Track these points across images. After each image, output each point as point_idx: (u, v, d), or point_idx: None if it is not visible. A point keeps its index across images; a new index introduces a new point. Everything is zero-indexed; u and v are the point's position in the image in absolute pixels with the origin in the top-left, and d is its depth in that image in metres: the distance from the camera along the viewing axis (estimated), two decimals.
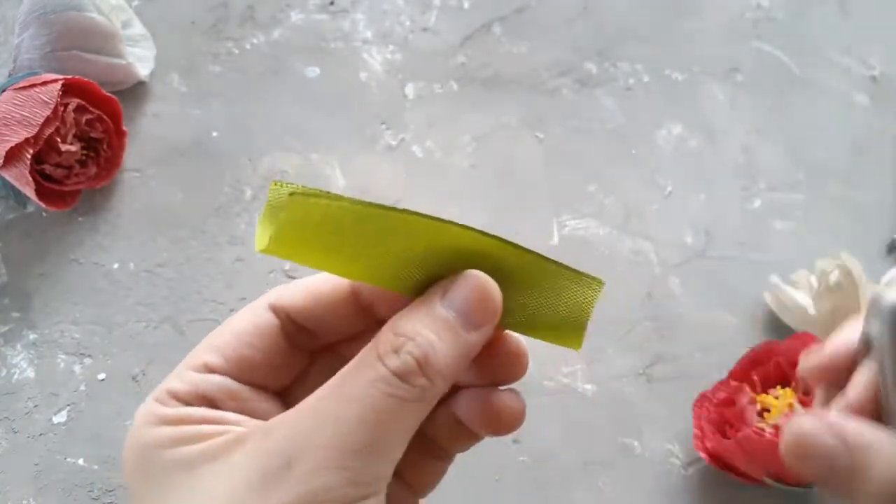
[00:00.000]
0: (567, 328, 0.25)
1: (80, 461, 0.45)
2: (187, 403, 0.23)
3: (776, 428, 0.43)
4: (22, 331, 0.49)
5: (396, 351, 0.21)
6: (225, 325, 0.25)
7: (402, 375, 0.21)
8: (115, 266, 0.51)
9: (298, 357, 0.26)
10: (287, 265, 0.51)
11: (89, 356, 0.48)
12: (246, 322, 0.24)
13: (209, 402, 0.23)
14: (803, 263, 0.51)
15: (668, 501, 0.46)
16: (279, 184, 0.21)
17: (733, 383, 0.47)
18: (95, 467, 0.45)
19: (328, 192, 0.21)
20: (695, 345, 0.51)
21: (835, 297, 0.47)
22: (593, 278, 0.25)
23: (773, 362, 0.47)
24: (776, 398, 0.45)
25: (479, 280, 0.23)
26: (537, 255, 0.24)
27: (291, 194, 0.21)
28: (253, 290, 0.51)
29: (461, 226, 0.22)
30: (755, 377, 0.47)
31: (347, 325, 0.25)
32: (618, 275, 0.52)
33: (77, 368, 0.48)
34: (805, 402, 0.44)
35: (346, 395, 0.21)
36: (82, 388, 0.47)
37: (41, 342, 0.49)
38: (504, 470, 0.46)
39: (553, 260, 0.24)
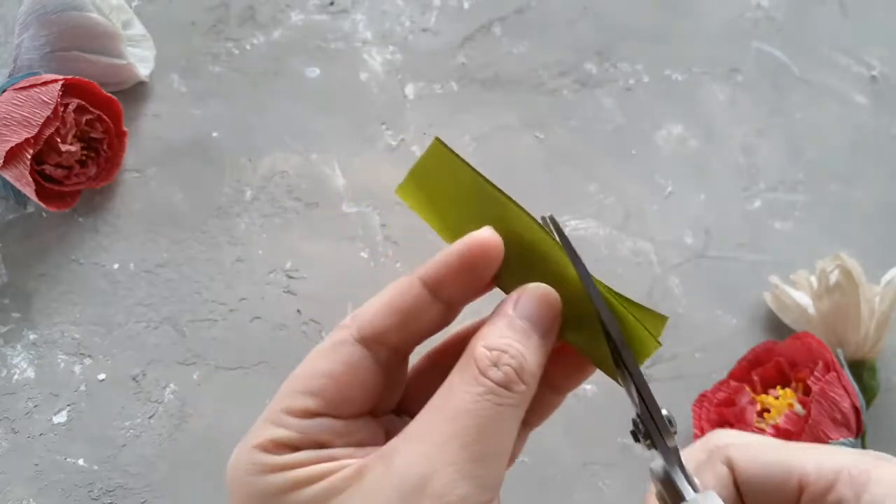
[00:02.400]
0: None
1: (80, 461, 0.45)
2: (296, 450, 0.24)
3: (776, 428, 0.43)
4: (22, 331, 0.49)
5: (496, 364, 0.24)
6: (312, 364, 0.26)
7: (506, 385, 0.23)
8: (116, 266, 0.51)
9: (396, 382, 0.27)
10: (287, 265, 0.51)
11: (89, 356, 0.48)
12: (338, 363, 0.25)
13: (319, 444, 0.25)
14: (803, 263, 0.51)
15: None
16: (440, 140, 0.26)
17: (733, 383, 0.47)
18: (95, 467, 0.45)
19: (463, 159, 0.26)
20: (695, 345, 0.51)
21: (834, 297, 0.47)
22: (658, 315, 0.26)
23: (773, 362, 0.47)
24: (776, 398, 0.45)
25: (542, 290, 0.25)
26: (606, 288, 0.26)
27: (436, 141, 0.25)
28: (253, 290, 0.51)
29: (549, 234, 0.25)
30: (755, 377, 0.47)
31: (434, 327, 0.27)
32: (618, 275, 0.52)
33: (77, 369, 0.48)
34: (805, 402, 0.44)
35: (458, 411, 0.23)
36: (82, 388, 0.47)
37: (41, 342, 0.49)
38: None
39: (618, 295, 0.26)
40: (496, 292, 0.27)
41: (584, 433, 0.48)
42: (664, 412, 0.26)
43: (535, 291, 0.25)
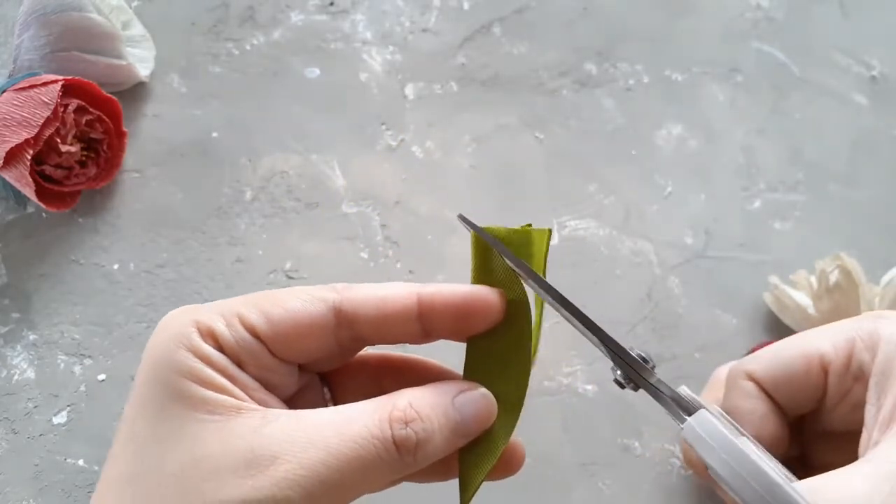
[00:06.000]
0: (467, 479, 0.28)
1: (80, 462, 0.45)
2: (221, 350, 0.25)
3: None
4: (22, 331, 0.49)
5: (406, 423, 0.24)
6: (290, 297, 0.26)
7: (399, 445, 0.24)
8: (115, 267, 0.51)
9: (341, 357, 0.28)
10: (287, 265, 0.51)
11: (89, 357, 0.48)
12: (305, 314, 0.26)
13: (239, 362, 0.25)
14: (803, 263, 0.51)
15: (667, 502, 0.46)
16: (550, 232, 0.27)
17: None
18: (96, 468, 0.45)
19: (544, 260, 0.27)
20: (695, 345, 0.51)
21: (834, 297, 0.47)
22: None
23: None
24: None
25: (488, 406, 0.26)
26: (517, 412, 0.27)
27: (549, 231, 0.27)
28: (253, 290, 0.50)
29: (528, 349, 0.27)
30: None
31: (403, 339, 0.27)
32: (618, 275, 0.52)
33: (77, 369, 0.48)
34: None
35: (345, 433, 0.23)
36: (82, 388, 0.47)
37: (41, 343, 0.49)
38: None
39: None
40: None
41: (584, 433, 0.48)
42: (638, 352, 0.27)
43: (483, 401, 0.26)
